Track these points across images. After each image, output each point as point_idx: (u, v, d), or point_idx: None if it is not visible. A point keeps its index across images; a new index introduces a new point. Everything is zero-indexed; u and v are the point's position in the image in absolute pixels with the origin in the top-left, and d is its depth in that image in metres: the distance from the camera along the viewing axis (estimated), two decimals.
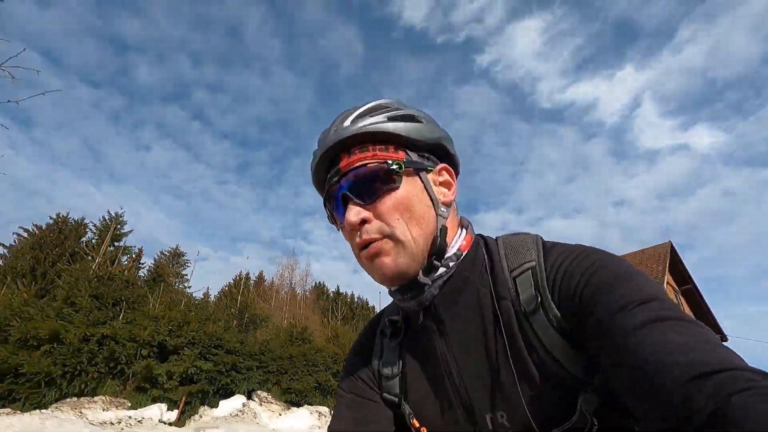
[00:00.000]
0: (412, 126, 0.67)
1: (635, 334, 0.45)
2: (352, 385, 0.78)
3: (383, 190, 0.64)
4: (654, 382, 0.41)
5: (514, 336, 0.60)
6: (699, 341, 0.43)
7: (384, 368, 0.75)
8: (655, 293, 0.50)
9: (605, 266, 0.55)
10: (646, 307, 0.48)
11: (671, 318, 0.46)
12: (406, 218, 0.64)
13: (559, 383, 0.56)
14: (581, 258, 0.58)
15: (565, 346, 0.56)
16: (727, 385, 0.36)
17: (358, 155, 0.65)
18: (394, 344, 0.75)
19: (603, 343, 0.49)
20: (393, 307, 0.82)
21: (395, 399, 0.73)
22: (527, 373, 0.58)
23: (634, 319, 0.47)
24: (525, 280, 0.62)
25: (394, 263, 0.63)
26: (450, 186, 0.72)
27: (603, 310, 0.50)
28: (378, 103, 0.71)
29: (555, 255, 0.62)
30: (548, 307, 0.58)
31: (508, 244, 0.68)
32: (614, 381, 0.47)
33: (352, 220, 0.63)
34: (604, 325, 0.49)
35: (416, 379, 0.71)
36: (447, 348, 0.67)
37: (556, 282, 0.59)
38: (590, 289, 0.54)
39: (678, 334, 0.44)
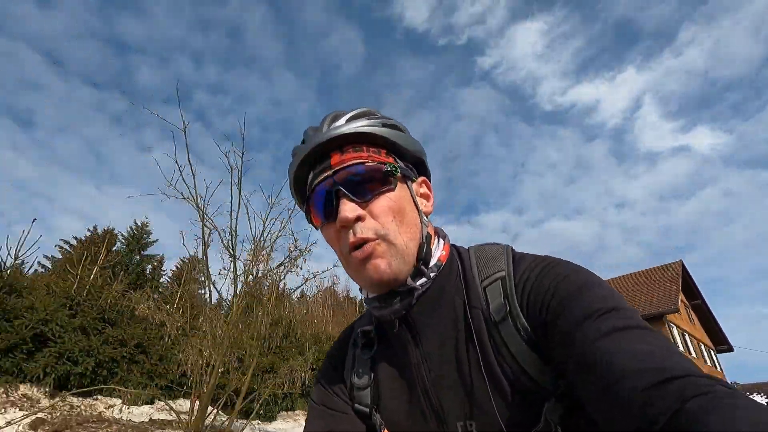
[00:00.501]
0: (402, 135, 0.69)
1: (598, 341, 0.47)
2: (323, 396, 0.79)
3: (379, 190, 0.64)
4: (616, 389, 0.42)
5: (484, 345, 0.61)
6: (659, 349, 0.44)
7: (356, 379, 0.75)
8: (618, 303, 0.52)
9: (571, 276, 0.57)
10: (610, 316, 0.49)
11: (633, 327, 0.48)
12: (398, 221, 0.64)
13: (527, 392, 0.58)
14: (549, 268, 0.60)
15: (532, 356, 0.57)
16: (684, 390, 0.38)
17: (353, 154, 0.65)
18: (366, 356, 0.76)
19: (568, 351, 0.50)
20: (365, 318, 0.82)
21: (366, 410, 0.73)
22: (497, 382, 0.59)
23: (598, 327, 0.48)
24: (494, 289, 0.63)
25: (388, 266, 0.63)
26: (429, 198, 0.74)
27: (569, 318, 0.52)
28: (368, 109, 0.72)
29: (524, 265, 0.63)
30: (516, 316, 0.59)
31: (480, 254, 0.70)
32: (578, 388, 0.49)
33: (349, 216, 0.62)
34: (569, 334, 0.51)
35: (388, 389, 0.72)
36: (421, 357, 0.67)
37: (524, 291, 0.60)
38: (556, 299, 0.55)
39: (639, 343, 0.45)
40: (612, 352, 0.45)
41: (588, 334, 0.49)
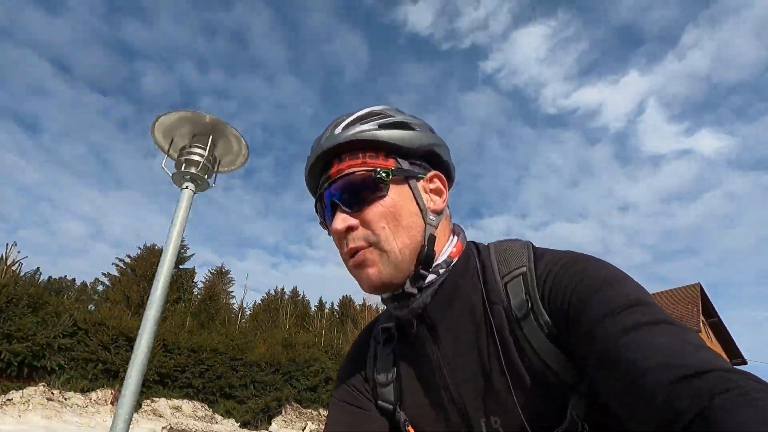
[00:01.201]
0: (404, 133, 0.67)
1: (622, 337, 0.46)
2: (345, 393, 0.78)
3: (370, 198, 0.64)
4: (640, 384, 0.42)
5: (506, 341, 0.61)
6: (684, 344, 0.43)
7: (378, 376, 0.75)
8: (641, 297, 0.51)
9: (593, 271, 0.56)
10: (633, 311, 0.48)
11: (657, 321, 0.47)
12: (392, 227, 0.63)
13: (550, 388, 0.57)
14: (570, 263, 0.59)
15: (555, 351, 0.57)
16: (710, 386, 0.37)
17: (348, 162, 0.65)
18: (387, 351, 0.75)
19: (591, 347, 0.50)
20: (386, 314, 0.81)
21: (390, 407, 0.73)
22: (520, 378, 0.59)
23: (620, 323, 0.48)
24: (516, 286, 0.62)
25: (378, 274, 0.63)
26: (441, 193, 0.71)
27: (591, 314, 0.51)
28: (371, 110, 0.70)
29: (545, 261, 0.62)
30: (539, 312, 0.59)
31: (500, 250, 0.69)
32: (602, 384, 0.48)
33: (338, 228, 0.64)
34: (592, 329, 0.50)
35: (411, 386, 0.71)
36: (441, 355, 0.67)
37: (546, 287, 0.59)
38: (578, 294, 0.54)
39: (663, 337, 0.44)
40: (636, 347, 0.44)
41: (611, 330, 0.48)
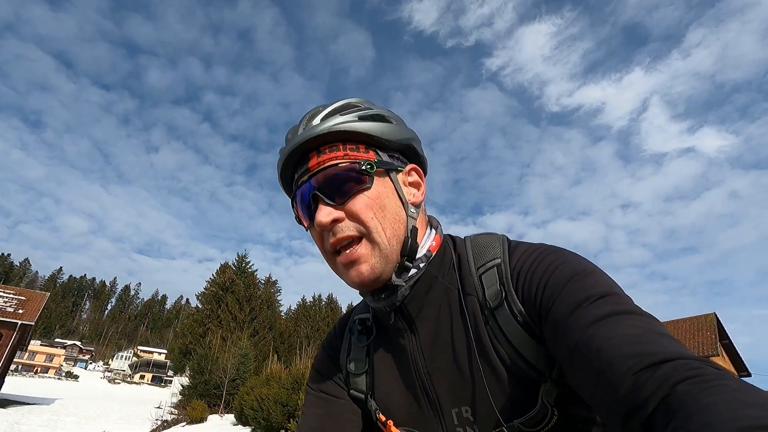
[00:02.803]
0: (383, 126, 0.67)
1: (590, 327, 0.48)
2: (319, 382, 0.80)
3: (355, 190, 0.63)
4: (607, 373, 0.43)
5: (480, 331, 0.62)
6: (650, 333, 0.45)
7: (351, 365, 0.77)
8: (610, 289, 0.53)
9: (565, 263, 0.58)
10: (602, 302, 0.50)
11: (625, 312, 0.48)
12: (379, 217, 0.63)
13: (522, 376, 0.58)
14: (543, 255, 0.61)
15: (528, 340, 0.58)
16: (673, 373, 0.39)
17: (329, 154, 0.64)
18: (362, 343, 0.76)
19: (561, 337, 0.51)
20: (362, 306, 0.82)
21: (362, 395, 0.75)
22: (492, 367, 0.60)
23: (590, 313, 0.49)
24: (490, 277, 0.64)
25: (370, 269, 0.63)
26: (419, 186, 0.72)
27: (562, 304, 0.53)
28: (347, 101, 0.70)
29: (519, 253, 0.64)
30: (512, 302, 0.60)
31: (475, 243, 0.70)
32: (572, 373, 0.50)
33: (324, 221, 0.62)
34: (562, 320, 0.52)
35: (384, 376, 0.73)
36: (417, 346, 0.68)
37: (519, 278, 0.61)
38: (551, 286, 0.56)
39: (630, 327, 0.46)
40: (603, 338, 0.46)
41: (581, 320, 0.49)
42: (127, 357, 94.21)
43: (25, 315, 26.82)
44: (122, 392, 55.53)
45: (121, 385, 70.24)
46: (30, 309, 27.72)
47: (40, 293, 31.04)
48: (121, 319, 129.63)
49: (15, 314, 26.42)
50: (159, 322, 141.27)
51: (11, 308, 26.88)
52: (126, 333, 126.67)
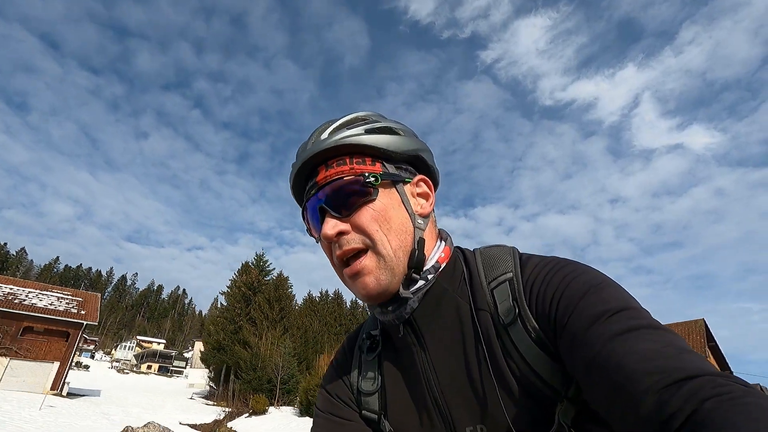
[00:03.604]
0: (390, 138, 0.68)
1: (610, 342, 0.47)
2: (328, 404, 0.77)
3: (360, 202, 0.64)
4: (629, 389, 0.42)
5: (493, 348, 0.61)
6: (672, 349, 0.44)
7: (363, 384, 0.75)
8: (628, 302, 0.52)
9: (579, 276, 0.57)
10: (620, 317, 0.50)
11: (644, 326, 0.48)
12: (385, 230, 0.64)
13: (537, 394, 0.58)
14: (557, 269, 0.60)
15: (543, 357, 0.58)
16: (700, 390, 0.38)
17: (336, 168, 0.65)
18: (371, 358, 0.75)
19: (579, 352, 0.50)
20: (371, 321, 0.81)
21: (374, 416, 0.73)
22: (507, 385, 0.59)
23: (608, 328, 0.48)
24: (502, 291, 0.63)
25: (376, 282, 0.64)
26: (428, 197, 0.72)
27: (579, 319, 0.52)
28: (356, 115, 0.71)
29: (531, 266, 0.64)
30: (526, 318, 0.59)
31: (486, 256, 0.70)
32: (590, 389, 0.49)
33: (329, 233, 0.64)
34: (580, 335, 0.51)
35: (396, 394, 0.71)
36: (427, 361, 0.67)
37: (532, 292, 0.60)
38: (566, 300, 0.55)
39: (651, 342, 0.45)
40: (624, 353, 0.45)
41: (599, 335, 0.48)
42: (130, 347, 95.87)
43: (88, 315, 29.28)
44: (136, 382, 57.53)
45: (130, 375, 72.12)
46: (89, 309, 30.19)
47: (92, 294, 33.50)
48: (119, 308, 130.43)
49: (78, 315, 28.89)
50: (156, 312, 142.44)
51: (75, 309, 29.31)
52: (124, 323, 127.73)
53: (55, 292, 31.76)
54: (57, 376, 27.21)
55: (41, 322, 27.54)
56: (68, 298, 30.97)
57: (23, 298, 28.36)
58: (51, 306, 28.66)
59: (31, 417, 16.40)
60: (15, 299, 27.70)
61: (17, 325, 26.68)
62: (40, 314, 27.36)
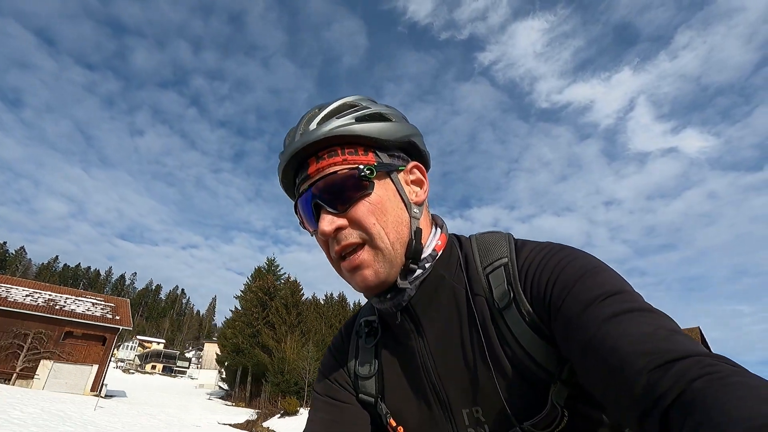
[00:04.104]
0: (382, 126, 0.66)
1: (603, 325, 0.48)
2: (326, 387, 0.79)
3: (356, 197, 0.63)
4: (621, 371, 0.44)
5: (489, 332, 0.62)
6: (664, 331, 0.45)
7: (360, 369, 0.76)
8: (621, 286, 0.53)
9: (574, 261, 0.58)
10: (614, 300, 0.50)
11: (637, 309, 0.49)
12: (382, 222, 0.63)
13: (532, 377, 0.59)
14: (552, 253, 0.61)
15: (537, 340, 0.59)
16: (689, 371, 0.39)
17: (327, 160, 0.64)
18: (369, 345, 0.76)
19: (573, 335, 0.51)
20: (368, 307, 0.82)
21: (371, 399, 0.74)
22: (502, 368, 0.60)
23: (602, 311, 0.49)
24: (498, 276, 0.64)
25: (375, 275, 0.64)
26: (422, 184, 0.71)
27: (573, 303, 0.53)
28: (344, 101, 0.69)
29: (526, 251, 0.64)
30: (520, 302, 0.60)
31: (481, 242, 0.70)
32: (584, 372, 0.50)
33: (327, 230, 0.63)
34: (574, 317, 0.52)
35: (393, 379, 0.72)
36: (425, 347, 0.68)
37: (527, 277, 0.61)
38: (560, 284, 0.56)
39: (644, 325, 0.46)
40: (616, 336, 0.46)
41: (593, 318, 0.49)
42: (132, 347, 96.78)
43: (122, 321, 30.94)
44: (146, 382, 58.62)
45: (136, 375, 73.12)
46: (122, 315, 31.84)
47: (122, 300, 35.19)
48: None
49: (114, 320, 30.55)
50: (154, 312, 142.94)
51: (110, 315, 30.95)
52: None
53: (89, 297, 33.35)
54: (96, 378, 28.83)
55: (80, 327, 29.16)
56: (102, 303, 32.54)
57: (63, 304, 29.95)
58: (88, 312, 30.26)
59: (90, 418, 17.74)
60: (56, 305, 29.28)
61: (59, 330, 28.28)
62: (79, 320, 28.98)
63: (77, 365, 28.53)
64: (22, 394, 19.68)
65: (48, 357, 27.53)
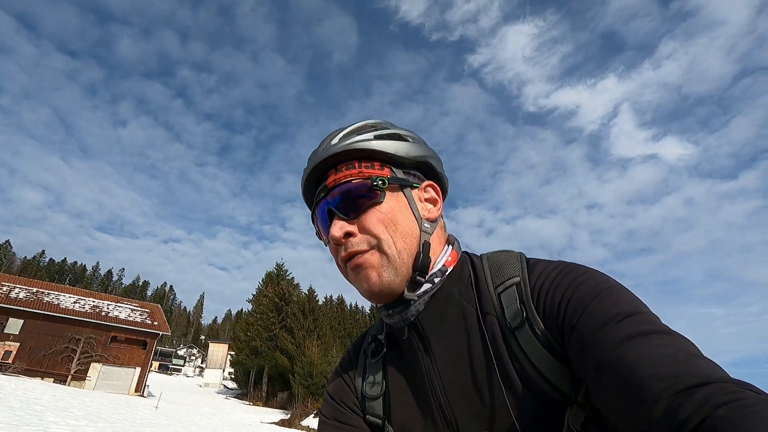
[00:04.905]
0: (398, 144, 0.69)
1: (621, 346, 0.46)
2: (333, 411, 0.77)
3: (367, 205, 0.65)
4: (640, 394, 0.42)
5: (500, 352, 0.61)
6: (684, 354, 0.44)
7: (367, 389, 0.75)
8: (638, 307, 0.52)
9: (589, 279, 0.57)
10: (631, 320, 0.49)
11: (656, 331, 0.47)
12: (390, 231, 0.65)
13: (546, 398, 0.57)
14: (565, 273, 0.60)
15: (551, 361, 0.57)
16: (712, 397, 0.38)
17: (345, 172, 0.67)
18: (375, 361, 0.75)
19: (589, 355, 0.49)
20: (378, 324, 0.82)
21: (378, 421, 0.72)
22: (514, 389, 0.58)
23: (619, 332, 0.48)
24: (510, 296, 0.63)
25: (378, 278, 0.64)
26: (435, 202, 0.73)
27: (588, 323, 0.52)
28: (366, 122, 0.73)
29: (539, 270, 0.63)
30: (534, 321, 0.59)
31: (492, 261, 0.70)
32: (600, 393, 0.48)
33: (336, 235, 0.65)
34: (589, 339, 0.50)
35: (400, 399, 0.71)
36: (432, 365, 0.67)
37: (540, 296, 0.60)
38: (575, 303, 0.55)
39: (663, 347, 0.45)
40: (635, 357, 0.44)
41: (610, 338, 0.48)
42: None
43: (160, 326, 33.22)
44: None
45: None
46: (159, 321, 34.12)
47: (155, 306, 37.44)
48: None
49: (153, 326, 32.84)
50: None
51: (149, 321, 33.21)
52: None
53: (127, 304, 35.42)
54: (139, 380, 31.07)
55: (124, 332, 31.35)
56: (139, 309, 34.62)
57: (107, 310, 32.03)
58: (130, 318, 32.42)
59: (155, 419, 19.00)
60: (101, 312, 31.35)
61: (106, 335, 30.44)
62: (123, 325, 31.16)
63: (123, 368, 30.72)
64: (91, 397, 21.73)
65: (97, 360, 29.64)
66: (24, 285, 31.12)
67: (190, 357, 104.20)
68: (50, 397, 16.44)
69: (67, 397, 19.10)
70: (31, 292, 29.98)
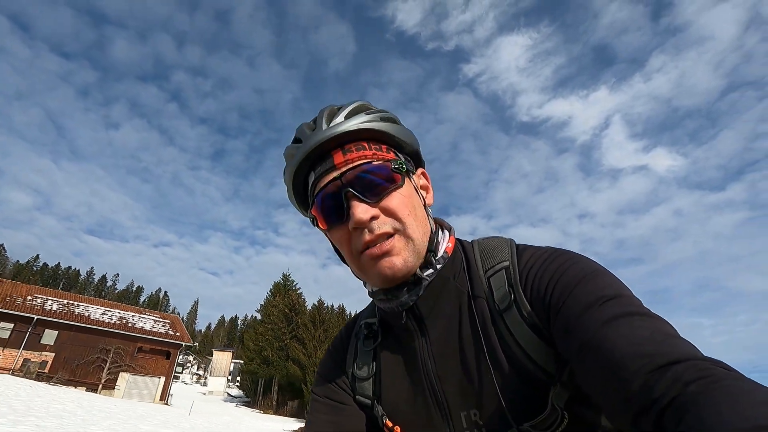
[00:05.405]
0: (401, 129, 0.70)
1: (602, 328, 0.49)
2: (325, 389, 0.79)
3: (391, 188, 0.65)
4: (618, 373, 0.44)
5: (489, 334, 0.63)
6: (661, 334, 0.46)
7: (358, 370, 0.77)
8: (621, 290, 0.55)
9: (576, 264, 0.60)
10: (614, 303, 0.52)
11: (636, 313, 0.50)
12: (413, 215, 0.66)
13: (531, 378, 0.60)
14: (553, 257, 0.63)
15: (537, 342, 0.60)
16: (684, 374, 0.40)
17: (356, 153, 0.64)
18: (368, 347, 0.77)
19: (572, 336, 0.52)
20: (369, 309, 0.83)
21: (368, 401, 0.74)
22: (502, 369, 0.61)
23: (601, 314, 0.50)
24: (499, 279, 0.66)
25: (404, 263, 0.64)
26: (428, 189, 0.75)
27: (573, 304, 0.54)
28: (362, 103, 0.70)
29: (528, 255, 0.66)
30: (521, 304, 0.62)
31: (483, 246, 0.72)
32: (582, 373, 0.51)
33: (363, 218, 0.62)
34: (573, 320, 0.53)
35: (391, 380, 0.73)
36: (427, 348, 0.69)
37: (528, 280, 0.63)
38: (561, 286, 0.57)
39: (642, 328, 0.47)
40: (614, 338, 0.47)
41: (592, 321, 0.50)
42: None
43: (183, 337, 34.67)
44: None
45: None
46: (182, 331, 35.54)
47: (175, 317, 39.01)
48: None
49: (176, 336, 34.29)
50: None
51: (171, 332, 34.65)
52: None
53: (149, 315, 36.79)
54: (164, 389, 32.43)
55: (149, 343, 32.73)
56: (162, 321, 36.01)
57: (133, 321, 33.41)
58: (154, 329, 33.82)
59: (192, 425, 19.86)
60: (128, 323, 32.73)
61: (133, 345, 31.81)
62: (149, 336, 32.57)
63: (149, 377, 32.05)
64: (128, 406, 22.97)
65: (125, 369, 30.97)
66: (55, 297, 32.39)
67: (187, 364, 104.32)
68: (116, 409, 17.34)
69: (124, 408, 20.28)
70: (62, 304, 31.28)
